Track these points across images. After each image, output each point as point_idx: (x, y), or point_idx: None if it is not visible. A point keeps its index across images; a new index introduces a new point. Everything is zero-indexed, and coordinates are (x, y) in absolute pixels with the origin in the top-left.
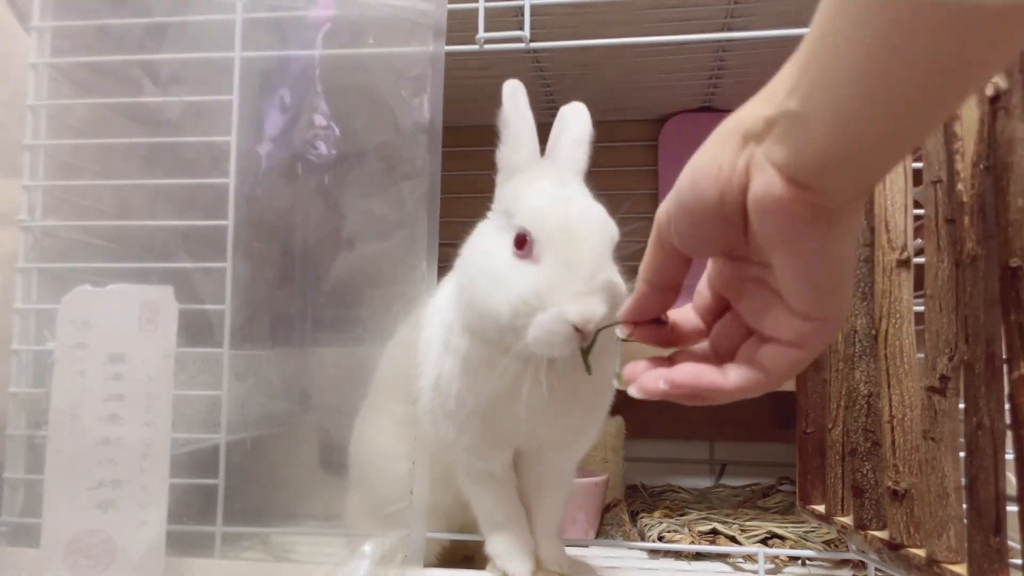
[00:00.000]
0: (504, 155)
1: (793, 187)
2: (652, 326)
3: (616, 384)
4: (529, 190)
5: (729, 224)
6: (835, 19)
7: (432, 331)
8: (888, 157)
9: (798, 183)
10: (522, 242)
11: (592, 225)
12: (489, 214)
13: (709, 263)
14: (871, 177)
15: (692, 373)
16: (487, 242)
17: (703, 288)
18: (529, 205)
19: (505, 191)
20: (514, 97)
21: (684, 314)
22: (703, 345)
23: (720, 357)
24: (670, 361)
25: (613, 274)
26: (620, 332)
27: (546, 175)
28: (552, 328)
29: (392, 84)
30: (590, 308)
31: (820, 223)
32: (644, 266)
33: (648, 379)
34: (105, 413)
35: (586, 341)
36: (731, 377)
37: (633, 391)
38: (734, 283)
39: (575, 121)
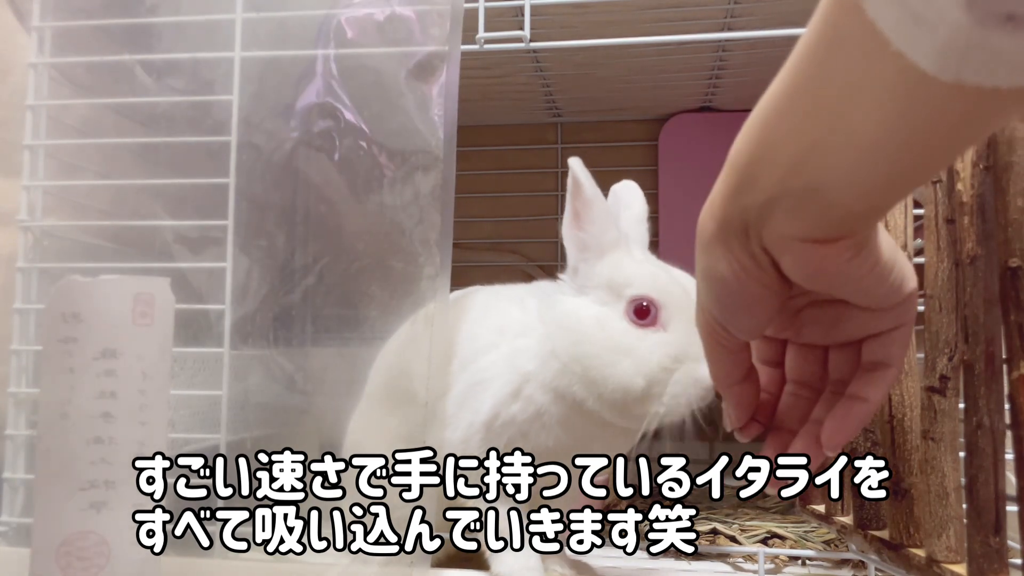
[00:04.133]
0: (591, 235)
1: (827, 246)
2: (755, 423)
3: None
4: (635, 266)
5: (780, 295)
6: (850, 97)
7: (495, 371)
8: (904, 195)
9: (829, 240)
10: (645, 312)
11: None
12: (564, 287)
13: None
14: (886, 211)
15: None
16: (592, 312)
17: (755, 344)
18: (648, 278)
19: (601, 268)
20: (588, 177)
21: (762, 375)
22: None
23: (811, 388)
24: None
25: None
26: (737, 435)
27: (634, 253)
28: (690, 387)
29: (405, 69)
30: None
31: (861, 250)
32: (717, 376)
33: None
34: (97, 411)
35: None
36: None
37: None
38: (788, 322)
39: (633, 200)
